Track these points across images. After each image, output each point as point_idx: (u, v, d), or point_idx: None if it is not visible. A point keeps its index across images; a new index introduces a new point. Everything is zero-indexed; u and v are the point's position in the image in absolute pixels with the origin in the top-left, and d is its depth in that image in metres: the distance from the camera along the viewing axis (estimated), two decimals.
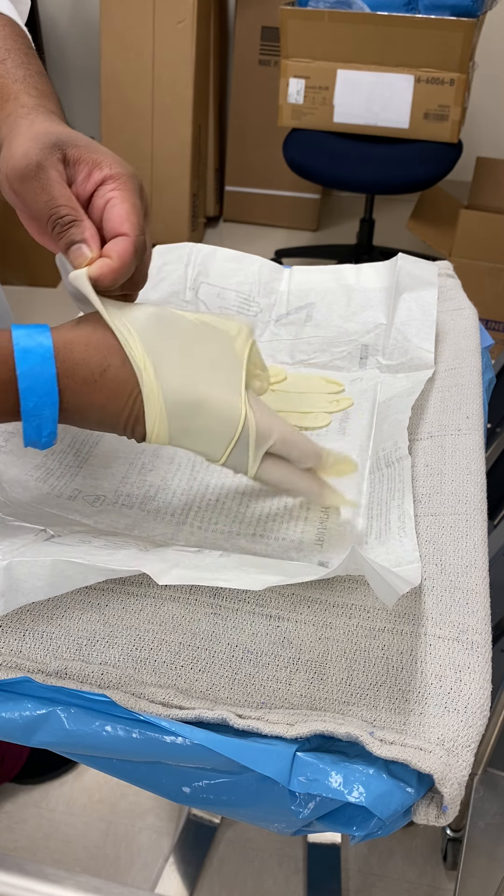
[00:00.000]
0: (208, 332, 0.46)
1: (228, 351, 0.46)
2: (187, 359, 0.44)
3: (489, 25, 1.96)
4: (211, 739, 0.37)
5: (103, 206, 0.45)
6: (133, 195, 0.45)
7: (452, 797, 0.35)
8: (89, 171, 0.45)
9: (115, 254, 0.44)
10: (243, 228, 2.67)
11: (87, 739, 0.39)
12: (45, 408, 0.42)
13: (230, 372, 0.45)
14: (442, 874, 1.03)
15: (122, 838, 1.06)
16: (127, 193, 0.45)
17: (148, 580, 0.44)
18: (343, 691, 0.39)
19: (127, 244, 0.44)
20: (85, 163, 0.45)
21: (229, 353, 0.46)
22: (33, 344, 0.41)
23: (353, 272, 0.72)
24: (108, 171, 0.45)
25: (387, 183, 1.89)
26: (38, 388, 0.41)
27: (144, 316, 0.44)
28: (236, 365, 0.46)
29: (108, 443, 0.59)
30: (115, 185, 0.45)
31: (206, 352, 0.45)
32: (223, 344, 0.46)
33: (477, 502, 0.49)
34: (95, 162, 0.45)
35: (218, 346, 0.46)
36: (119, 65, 2.24)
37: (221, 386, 0.44)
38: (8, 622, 0.43)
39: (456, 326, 0.66)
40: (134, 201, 0.45)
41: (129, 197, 0.45)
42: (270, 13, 2.30)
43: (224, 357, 0.46)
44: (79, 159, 0.45)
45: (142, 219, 0.45)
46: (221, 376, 0.45)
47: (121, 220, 0.44)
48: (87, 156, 0.45)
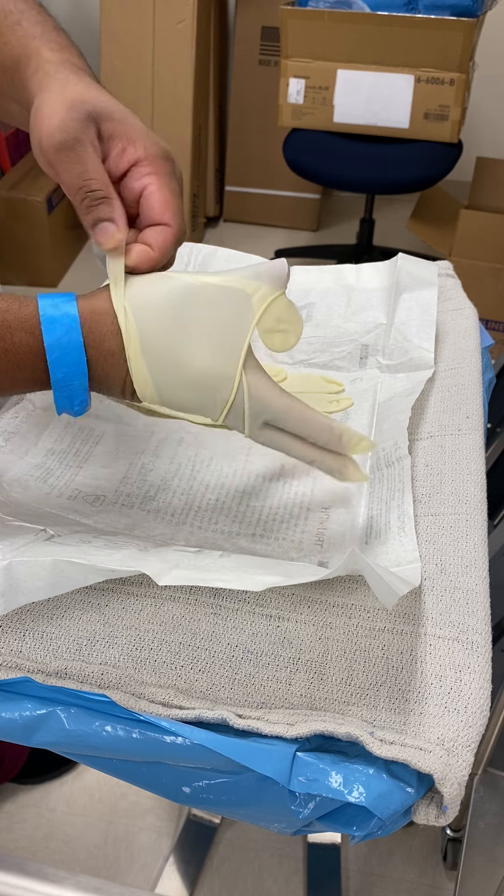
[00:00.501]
0: (220, 297, 0.44)
1: (238, 315, 0.44)
2: (184, 330, 0.43)
3: (489, 25, 1.96)
4: (211, 739, 0.37)
5: (139, 190, 0.44)
6: (171, 178, 0.44)
7: (452, 797, 0.35)
8: (123, 147, 0.44)
9: (156, 244, 0.43)
10: (243, 228, 2.67)
11: (87, 739, 0.39)
12: (75, 378, 0.42)
13: (231, 340, 0.44)
14: (442, 874, 1.03)
15: (122, 838, 1.06)
16: (165, 178, 0.44)
17: (148, 580, 0.44)
18: (343, 691, 0.39)
19: (168, 235, 0.43)
20: (119, 138, 0.44)
21: (238, 317, 0.44)
22: (59, 314, 0.41)
23: (353, 272, 0.72)
24: (142, 151, 0.44)
25: (387, 183, 1.89)
26: (67, 359, 0.41)
27: (150, 289, 0.43)
28: (241, 331, 0.44)
29: (108, 443, 0.59)
30: (151, 169, 0.44)
31: (209, 319, 0.43)
32: (234, 307, 0.44)
33: (477, 502, 0.49)
34: (130, 138, 0.44)
35: (227, 312, 0.44)
36: (119, 65, 2.24)
37: (216, 356, 0.43)
38: (8, 622, 0.43)
39: (456, 326, 0.66)
40: (173, 186, 0.44)
41: (168, 182, 0.44)
42: (270, 13, 2.30)
43: (230, 323, 0.44)
44: (113, 134, 0.44)
45: (181, 204, 0.44)
46: (219, 346, 0.43)
47: (162, 209, 0.44)
48: (121, 130, 0.44)
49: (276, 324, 0.45)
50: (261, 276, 0.44)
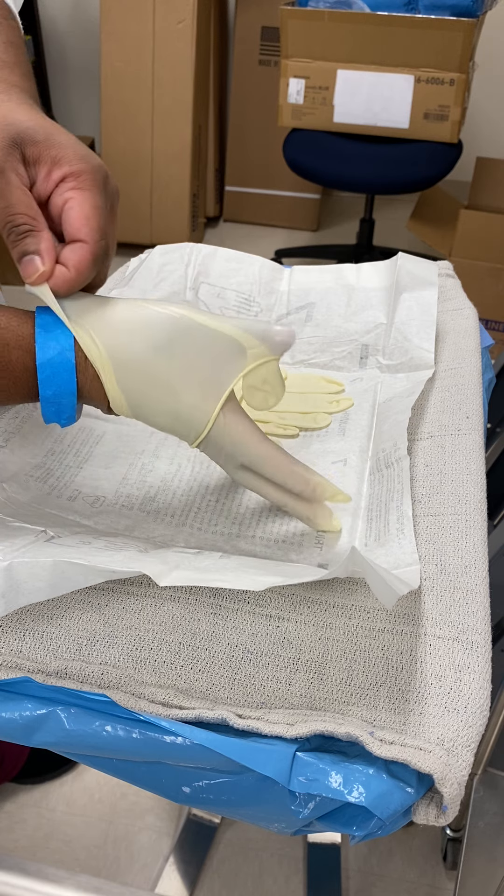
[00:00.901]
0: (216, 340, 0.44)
1: (228, 361, 0.44)
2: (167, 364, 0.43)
3: (489, 25, 1.96)
4: (211, 739, 0.37)
5: (62, 206, 0.42)
6: (95, 194, 0.42)
7: (452, 797, 0.35)
8: (49, 169, 0.42)
9: (72, 263, 0.41)
10: (243, 228, 2.67)
11: (87, 739, 0.39)
12: (65, 396, 0.42)
13: (215, 380, 0.44)
14: (442, 874, 1.03)
15: (122, 838, 1.06)
16: (87, 193, 0.42)
17: (148, 580, 0.44)
18: (343, 691, 0.39)
19: (84, 252, 0.41)
20: (43, 161, 0.42)
21: (228, 363, 0.44)
22: (54, 334, 0.41)
23: (354, 272, 0.72)
24: (67, 169, 0.42)
25: (387, 183, 1.89)
26: (57, 378, 0.41)
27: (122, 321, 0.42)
28: (228, 375, 0.44)
29: (108, 443, 0.59)
30: (74, 184, 0.42)
31: (197, 357, 0.43)
32: (226, 354, 0.44)
33: (477, 502, 0.49)
34: (55, 159, 0.42)
35: (218, 355, 0.44)
36: (119, 65, 2.25)
37: (196, 393, 0.43)
38: (8, 622, 0.43)
39: (456, 326, 0.66)
40: (95, 201, 0.42)
41: (90, 197, 0.42)
42: (270, 13, 2.30)
43: (219, 366, 0.44)
44: (38, 158, 0.42)
45: (103, 220, 0.42)
46: (202, 383, 0.43)
47: (79, 225, 0.41)
48: (45, 153, 0.42)
49: (261, 384, 0.46)
50: (266, 336, 0.45)
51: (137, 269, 0.73)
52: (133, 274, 0.72)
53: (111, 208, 0.44)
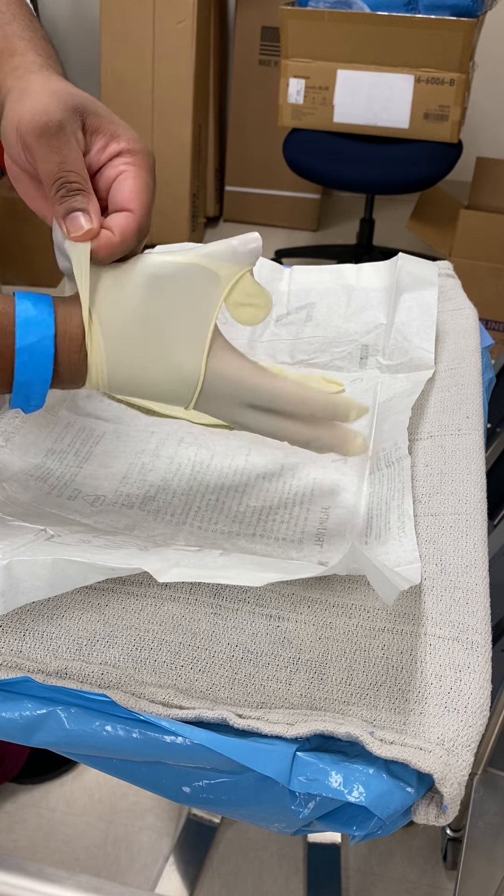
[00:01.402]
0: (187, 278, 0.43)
1: (205, 295, 0.43)
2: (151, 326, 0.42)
3: (489, 25, 1.96)
4: (211, 739, 0.37)
5: (113, 178, 0.43)
6: (147, 173, 0.44)
7: (452, 797, 0.35)
8: (106, 142, 0.43)
9: (118, 229, 0.42)
10: (243, 228, 2.66)
11: (87, 739, 0.39)
12: (37, 384, 0.42)
13: (197, 323, 0.43)
14: (442, 874, 1.03)
15: (122, 838, 1.06)
16: (141, 170, 0.43)
17: (148, 580, 0.44)
18: (343, 691, 0.39)
19: (131, 221, 0.42)
20: (103, 133, 0.43)
21: (205, 297, 0.43)
22: (35, 319, 0.41)
23: (354, 272, 0.72)
24: (125, 145, 0.43)
25: (387, 183, 1.89)
26: (35, 363, 0.41)
27: (118, 292, 0.42)
28: (207, 311, 0.43)
29: (108, 443, 0.59)
30: (130, 160, 0.43)
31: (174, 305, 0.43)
32: (201, 287, 0.43)
33: (477, 502, 0.49)
34: (114, 134, 0.43)
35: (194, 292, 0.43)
36: (119, 64, 2.25)
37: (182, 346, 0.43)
38: (8, 622, 0.43)
39: (456, 326, 0.66)
40: (146, 179, 0.44)
41: (142, 174, 0.43)
42: (270, 13, 2.30)
43: (196, 305, 0.43)
44: (97, 129, 0.43)
45: (151, 199, 0.44)
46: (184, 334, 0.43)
47: (131, 196, 0.43)
48: (106, 126, 0.43)
49: (244, 298, 0.45)
50: (232, 251, 0.44)
51: None
52: None
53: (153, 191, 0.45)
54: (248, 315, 0.45)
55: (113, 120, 0.44)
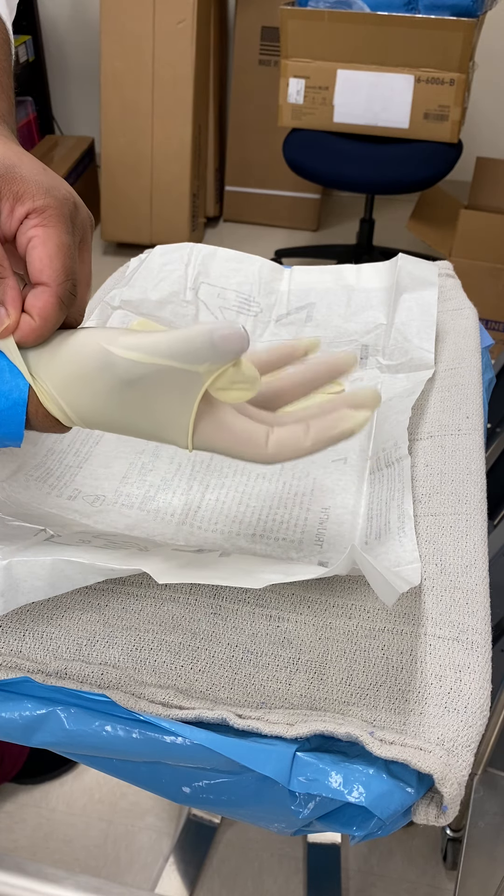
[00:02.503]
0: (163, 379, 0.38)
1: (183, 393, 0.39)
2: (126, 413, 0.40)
3: (489, 25, 1.97)
4: (211, 739, 0.37)
5: (26, 246, 0.39)
6: (60, 230, 0.39)
7: (452, 797, 0.35)
8: (11, 206, 0.39)
9: (36, 311, 0.38)
10: (243, 228, 2.67)
11: (87, 739, 0.39)
12: (10, 441, 0.40)
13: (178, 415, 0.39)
14: (442, 874, 1.03)
15: (122, 838, 1.06)
16: (52, 230, 0.39)
17: (148, 580, 0.44)
18: (343, 691, 0.39)
19: (48, 297, 0.38)
20: (5, 197, 0.39)
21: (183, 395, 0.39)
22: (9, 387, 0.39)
23: (354, 272, 0.72)
24: (30, 204, 0.39)
25: (387, 183, 1.89)
26: (5, 429, 0.39)
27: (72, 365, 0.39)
28: (185, 406, 0.39)
29: (108, 443, 0.59)
30: (38, 221, 0.39)
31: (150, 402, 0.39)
32: (179, 387, 0.39)
33: (477, 502, 0.49)
34: (17, 195, 0.39)
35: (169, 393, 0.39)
36: (119, 65, 2.25)
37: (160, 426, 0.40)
38: (8, 622, 0.43)
39: (456, 326, 0.66)
40: (60, 239, 0.39)
41: (54, 235, 0.39)
42: (270, 13, 2.30)
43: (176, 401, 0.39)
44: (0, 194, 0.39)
45: (69, 259, 0.39)
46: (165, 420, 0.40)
47: (42, 266, 0.38)
48: (6, 188, 0.39)
49: (228, 385, 0.40)
50: (213, 346, 0.38)
51: (137, 269, 0.73)
52: (133, 274, 0.72)
53: (82, 242, 0.41)
54: (235, 396, 0.40)
55: (14, 177, 0.39)
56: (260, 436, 0.40)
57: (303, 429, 0.40)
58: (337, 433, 0.40)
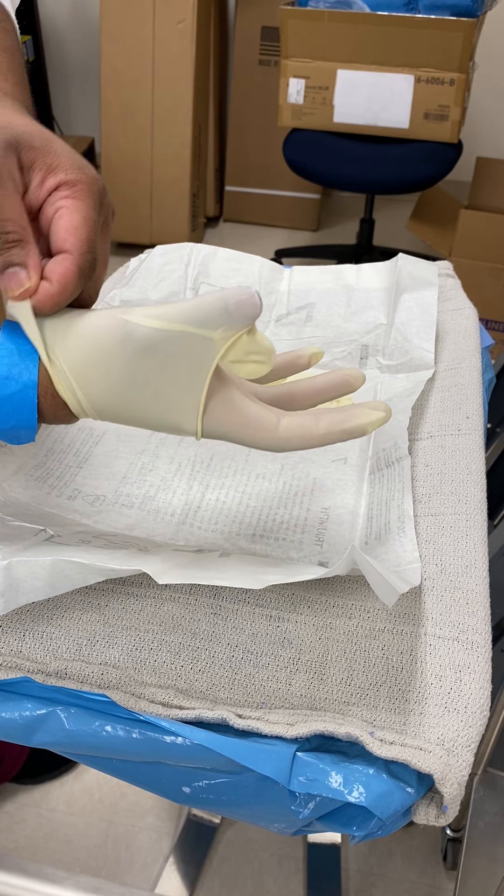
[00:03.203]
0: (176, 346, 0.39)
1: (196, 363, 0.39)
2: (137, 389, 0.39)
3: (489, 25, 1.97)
4: (211, 739, 0.37)
5: (52, 215, 0.39)
6: (88, 205, 0.39)
7: (452, 797, 0.35)
8: (43, 176, 0.39)
9: (56, 277, 0.38)
10: (243, 228, 2.67)
11: (87, 739, 0.39)
12: (23, 430, 0.40)
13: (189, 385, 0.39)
14: (442, 874, 1.03)
15: (122, 838, 1.06)
16: (80, 203, 0.39)
17: (148, 580, 0.44)
18: (343, 691, 0.39)
19: (69, 265, 0.38)
20: (38, 168, 0.39)
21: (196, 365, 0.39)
22: (17, 370, 0.39)
23: (354, 272, 0.72)
24: (62, 177, 0.39)
25: (387, 183, 1.89)
26: (17, 415, 0.39)
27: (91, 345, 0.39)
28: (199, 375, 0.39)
29: (108, 443, 0.59)
30: (68, 193, 0.39)
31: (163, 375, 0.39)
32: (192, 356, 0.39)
33: (477, 502, 0.49)
34: (50, 167, 0.39)
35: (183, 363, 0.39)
36: (119, 65, 2.25)
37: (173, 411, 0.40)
38: (8, 622, 0.43)
39: (456, 326, 0.66)
40: (87, 213, 0.39)
41: (82, 207, 0.39)
42: (270, 13, 2.30)
43: (187, 373, 0.40)
44: (33, 164, 0.39)
45: (93, 233, 0.39)
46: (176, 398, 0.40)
47: (66, 235, 0.39)
48: (41, 159, 0.39)
49: (243, 356, 0.40)
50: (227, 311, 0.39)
51: (137, 269, 0.73)
52: (133, 274, 0.72)
53: (104, 224, 0.42)
54: (249, 370, 0.41)
55: (50, 150, 0.40)
56: (271, 419, 0.41)
57: (315, 418, 0.41)
58: (350, 426, 0.41)
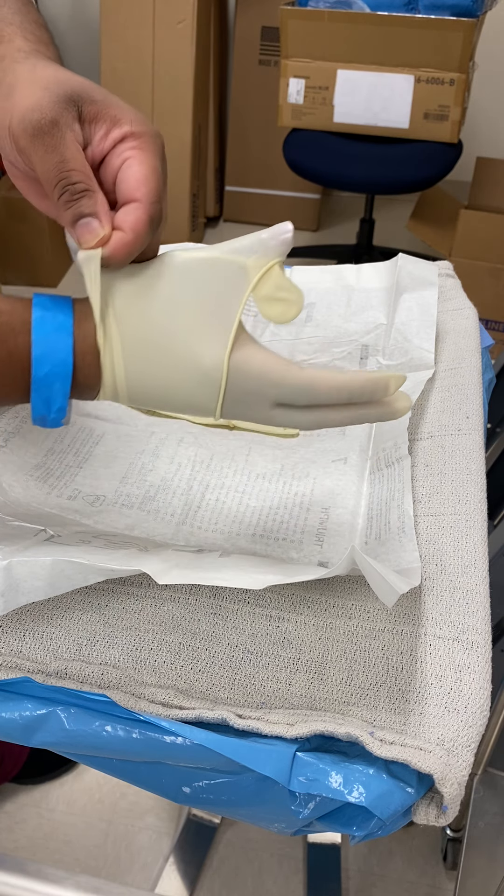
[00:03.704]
0: (210, 273, 0.40)
1: (230, 291, 0.40)
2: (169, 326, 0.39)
3: (489, 25, 1.96)
4: (211, 739, 0.37)
5: (118, 166, 0.40)
6: (154, 157, 0.40)
7: (452, 797, 0.35)
8: (108, 129, 0.39)
9: (129, 225, 0.38)
10: (243, 228, 2.66)
11: (87, 739, 0.39)
12: (57, 379, 0.39)
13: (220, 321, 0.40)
14: (442, 874, 1.03)
15: (122, 838, 1.06)
16: (147, 154, 0.39)
17: (148, 580, 0.44)
18: (343, 691, 0.39)
19: (141, 213, 0.39)
20: (102, 120, 0.39)
21: (230, 294, 0.40)
22: (51, 313, 0.39)
23: (354, 272, 0.72)
24: (128, 129, 0.40)
25: (387, 183, 1.89)
26: (52, 357, 0.38)
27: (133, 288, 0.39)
28: (232, 301, 0.40)
29: (107, 443, 0.59)
30: (135, 144, 0.39)
31: (197, 303, 0.40)
32: (226, 283, 0.40)
33: (477, 502, 0.49)
34: (115, 119, 0.39)
35: (217, 288, 0.40)
36: (119, 65, 2.24)
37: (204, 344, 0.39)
38: (8, 622, 0.43)
39: (456, 326, 0.66)
40: (154, 164, 0.39)
41: (149, 159, 0.39)
42: (270, 13, 2.30)
43: (220, 301, 0.40)
44: (96, 116, 0.39)
45: (161, 184, 0.40)
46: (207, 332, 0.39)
47: (136, 185, 0.39)
48: (105, 111, 0.39)
49: (274, 291, 0.41)
50: (261, 242, 0.41)
51: None
52: None
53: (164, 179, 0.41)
54: (279, 311, 0.41)
55: (112, 103, 0.40)
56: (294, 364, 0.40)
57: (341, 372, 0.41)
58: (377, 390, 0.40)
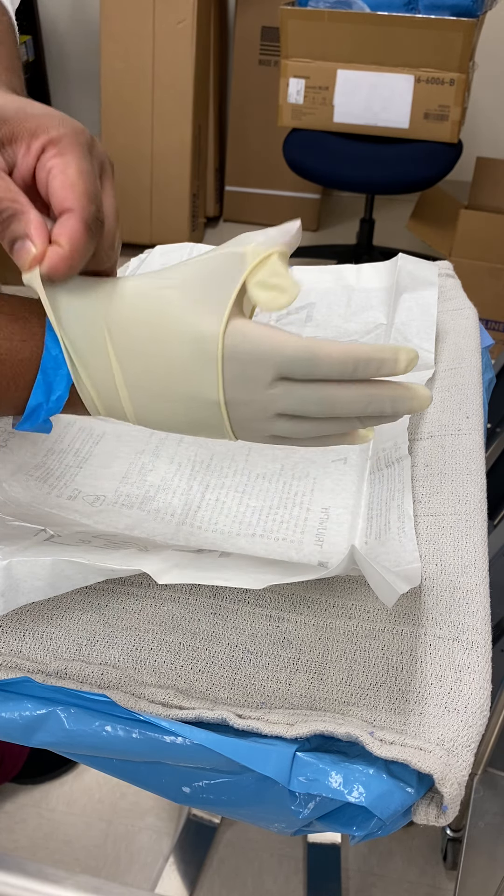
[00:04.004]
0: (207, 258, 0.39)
1: (226, 276, 0.38)
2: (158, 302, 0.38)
3: (489, 25, 1.96)
4: (211, 739, 0.37)
5: (46, 178, 0.38)
6: (78, 157, 0.38)
7: (452, 797, 0.35)
8: (27, 143, 0.38)
9: (64, 237, 0.36)
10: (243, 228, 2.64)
11: (87, 739, 0.39)
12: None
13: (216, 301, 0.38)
14: (442, 874, 1.03)
15: (122, 838, 1.06)
16: (70, 157, 0.37)
17: (148, 580, 0.44)
18: (343, 691, 0.39)
19: (73, 222, 0.36)
20: (20, 137, 0.38)
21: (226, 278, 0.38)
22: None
23: (354, 272, 0.72)
24: (45, 137, 0.37)
25: (387, 183, 1.89)
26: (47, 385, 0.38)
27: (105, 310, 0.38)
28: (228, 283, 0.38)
29: (108, 443, 0.59)
30: (54, 151, 0.37)
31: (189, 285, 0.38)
32: (223, 267, 0.38)
33: (477, 502, 0.49)
34: (31, 131, 0.38)
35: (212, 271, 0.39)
36: (119, 65, 2.24)
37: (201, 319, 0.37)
38: (8, 622, 0.43)
39: (456, 326, 0.66)
40: (80, 165, 0.37)
41: (73, 161, 0.37)
42: (270, 13, 2.30)
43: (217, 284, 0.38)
44: (12, 136, 0.38)
45: (91, 184, 0.37)
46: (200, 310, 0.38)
47: (64, 193, 0.37)
48: (19, 128, 0.38)
49: (269, 277, 0.38)
50: (267, 231, 0.39)
51: (137, 269, 0.73)
52: (133, 274, 0.72)
53: (102, 173, 0.39)
54: (268, 298, 0.38)
55: (26, 115, 0.38)
56: (296, 334, 0.38)
57: None
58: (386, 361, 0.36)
